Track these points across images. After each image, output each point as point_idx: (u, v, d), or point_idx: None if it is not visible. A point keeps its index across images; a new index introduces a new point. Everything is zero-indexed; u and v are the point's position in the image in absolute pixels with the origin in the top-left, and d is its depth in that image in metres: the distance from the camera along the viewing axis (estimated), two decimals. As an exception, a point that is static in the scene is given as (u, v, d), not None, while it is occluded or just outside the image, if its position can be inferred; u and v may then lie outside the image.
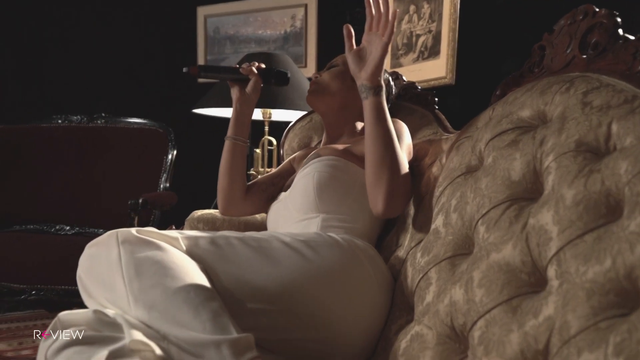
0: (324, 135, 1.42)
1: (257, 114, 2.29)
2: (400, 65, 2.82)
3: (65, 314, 0.81)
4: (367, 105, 1.13)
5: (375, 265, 1.06)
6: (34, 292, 1.95)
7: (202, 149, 2.65)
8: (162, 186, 2.45)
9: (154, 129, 2.60)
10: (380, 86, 1.13)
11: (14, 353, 2.18)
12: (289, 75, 1.37)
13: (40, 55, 3.23)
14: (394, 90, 1.49)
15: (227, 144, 1.35)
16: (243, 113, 1.34)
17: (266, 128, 2.24)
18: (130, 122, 2.65)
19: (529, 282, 0.77)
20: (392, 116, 1.40)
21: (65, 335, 0.78)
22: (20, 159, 2.58)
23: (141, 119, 2.65)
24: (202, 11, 3.65)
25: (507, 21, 2.30)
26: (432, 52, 2.69)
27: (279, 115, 2.31)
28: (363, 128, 1.39)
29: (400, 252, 1.12)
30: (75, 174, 2.55)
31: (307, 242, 1.02)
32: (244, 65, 1.32)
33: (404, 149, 1.22)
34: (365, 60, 1.12)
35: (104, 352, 0.73)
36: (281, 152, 1.74)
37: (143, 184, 2.45)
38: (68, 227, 2.47)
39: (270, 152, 2.30)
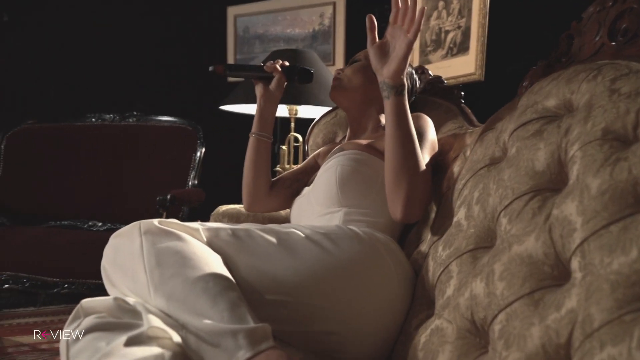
0: (348, 131, 1.41)
1: (283, 111, 2.29)
2: (429, 62, 2.79)
3: (87, 301, 0.83)
4: (388, 105, 1.10)
5: (395, 258, 1.05)
6: (66, 286, 2.00)
7: (230, 146, 2.68)
8: (190, 183, 2.49)
9: (183, 127, 2.64)
10: (403, 85, 1.10)
11: (48, 345, 2.24)
12: (312, 72, 1.37)
13: (76, 56, 3.31)
14: (418, 84, 1.47)
15: (251, 140, 1.37)
16: (267, 109, 1.35)
17: (292, 124, 2.24)
18: (160, 120, 2.70)
19: (552, 274, 0.75)
20: (417, 110, 1.39)
21: (86, 322, 0.79)
22: (56, 157, 2.65)
23: (171, 117, 2.69)
24: (232, 11, 3.69)
25: (537, 15, 2.24)
26: (461, 48, 2.65)
27: (305, 111, 2.31)
28: None
29: (423, 247, 1.11)
30: (108, 171, 2.61)
31: (327, 235, 1.02)
32: (268, 63, 1.33)
33: (427, 146, 1.20)
34: (388, 55, 1.09)
35: (122, 338, 0.74)
36: (306, 148, 1.74)
37: (172, 180, 2.49)
38: (100, 223, 2.52)
39: (296, 148, 2.30)
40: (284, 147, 2.22)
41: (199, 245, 0.93)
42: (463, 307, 0.85)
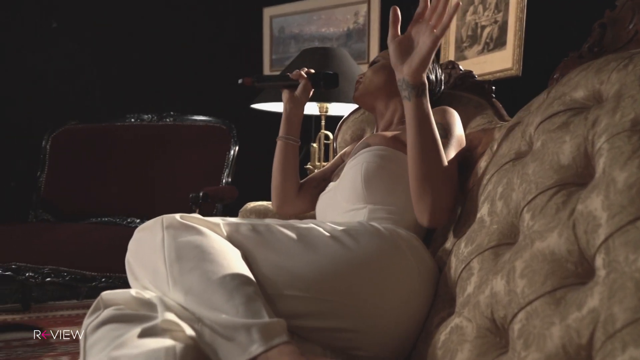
0: (375, 126, 1.40)
1: (314, 109, 2.29)
2: (465, 58, 2.73)
3: (107, 293, 0.84)
4: (408, 108, 1.05)
5: (418, 255, 1.02)
6: (103, 280, 2.06)
7: (262, 144, 2.70)
8: (224, 181, 2.52)
9: (217, 126, 2.68)
10: (424, 85, 1.04)
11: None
12: (337, 76, 1.40)
13: (117, 59, 3.41)
14: (441, 77, 1.42)
15: (279, 144, 1.40)
16: (293, 114, 1.38)
17: (323, 122, 2.24)
18: (195, 119, 2.74)
19: (576, 272, 0.71)
20: (447, 105, 1.35)
21: (105, 314, 0.81)
22: (97, 156, 2.74)
23: (206, 117, 2.73)
24: (268, 12, 3.72)
25: (576, 7, 2.16)
26: (498, 43, 2.58)
27: (335, 109, 2.30)
28: None
29: (447, 244, 1.08)
30: (145, 170, 2.67)
31: (347, 231, 1.00)
32: (294, 72, 1.37)
33: (454, 142, 1.17)
34: (410, 52, 1.03)
35: (137, 330, 0.75)
36: (334, 145, 1.73)
37: (207, 178, 2.53)
38: (138, 220, 2.59)
39: (326, 146, 2.30)
40: (314, 145, 2.22)
41: (218, 240, 0.93)
42: (483, 305, 0.82)
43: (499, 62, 2.57)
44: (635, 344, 0.56)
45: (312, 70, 1.39)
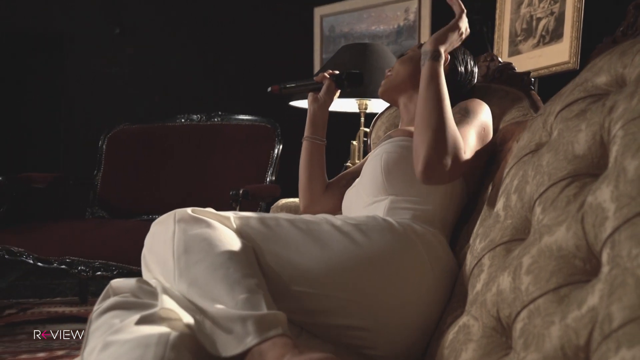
0: (400, 121, 1.37)
1: (354, 106, 2.27)
2: (519, 53, 2.62)
3: (115, 282, 0.87)
4: (423, 70, 1.11)
5: (433, 252, 0.99)
6: (148, 274, 2.13)
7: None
8: (268, 179, 2.54)
9: (262, 125, 2.71)
10: (438, 52, 1.11)
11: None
12: (360, 74, 1.40)
13: (172, 61, 3.54)
14: (471, 70, 1.36)
15: (304, 144, 1.41)
16: (317, 115, 1.39)
17: (362, 119, 2.22)
18: (242, 119, 2.79)
19: (584, 269, 0.66)
20: (483, 99, 1.30)
21: (110, 301, 0.83)
22: (148, 156, 2.84)
23: (252, 116, 2.78)
24: (318, 11, 3.73)
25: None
26: (554, 35, 2.46)
27: (375, 106, 2.27)
28: None
29: (470, 240, 1.04)
30: (194, 168, 2.75)
31: (358, 226, 0.98)
32: (319, 75, 1.40)
33: (474, 123, 1.13)
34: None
35: (136, 317, 0.77)
36: (369, 141, 1.71)
37: (253, 177, 2.57)
38: (186, 218, 2.66)
39: (366, 143, 2.27)
40: (354, 142, 2.20)
41: (227, 232, 0.94)
42: (490, 303, 0.78)
43: (555, 55, 2.44)
44: (629, 344, 0.51)
45: (337, 72, 1.40)
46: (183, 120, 2.90)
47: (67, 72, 3.43)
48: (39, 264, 2.28)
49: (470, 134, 1.10)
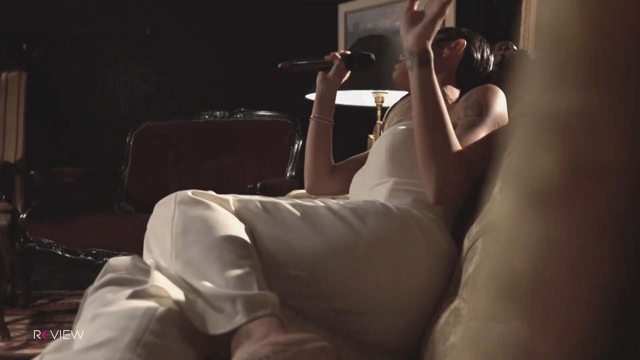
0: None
1: (371, 100, 2.26)
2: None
3: (113, 259, 0.89)
4: (411, 78, 1.02)
5: (431, 237, 0.97)
6: (168, 266, 2.18)
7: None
8: (288, 174, 2.56)
9: (283, 121, 2.73)
10: (428, 53, 1.00)
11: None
12: (372, 57, 1.38)
13: (199, 60, 3.60)
14: (487, 57, 1.34)
15: (311, 123, 1.40)
16: (325, 95, 1.38)
17: (378, 113, 2.20)
18: (263, 114, 2.82)
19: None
20: (500, 87, 1.28)
21: (105, 277, 0.85)
22: (173, 151, 2.90)
23: (273, 112, 2.80)
24: (342, 8, 3.73)
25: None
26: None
27: (391, 100, 2.26)
28: (456, 96, 1.31)
29: (469, 225, 1.02)
30: (216, 164, 2.79)
31: (354, 210, 0.98)
32: (330, 54, 1.38)
33: (489, 121, 1.09)
34: (419, 23, 1.01)
35: (127, 292, 0.79)
36: (382, 131, 1.70)
37: (273, 172, 2.60)
38: (209, 212, 2.70)
39: (384, 137, 2.26)
40: (371, 136, 2.19)
41: (224, 214, 0.95)
42: (480, 285, 0.76)
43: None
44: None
45: (348, 52, 1.38)
46: (207, 116, 2.94)
47: (99, 72, 3.54)
48: (67, 255, 2.36)
49: (482, 136, 1.07)
